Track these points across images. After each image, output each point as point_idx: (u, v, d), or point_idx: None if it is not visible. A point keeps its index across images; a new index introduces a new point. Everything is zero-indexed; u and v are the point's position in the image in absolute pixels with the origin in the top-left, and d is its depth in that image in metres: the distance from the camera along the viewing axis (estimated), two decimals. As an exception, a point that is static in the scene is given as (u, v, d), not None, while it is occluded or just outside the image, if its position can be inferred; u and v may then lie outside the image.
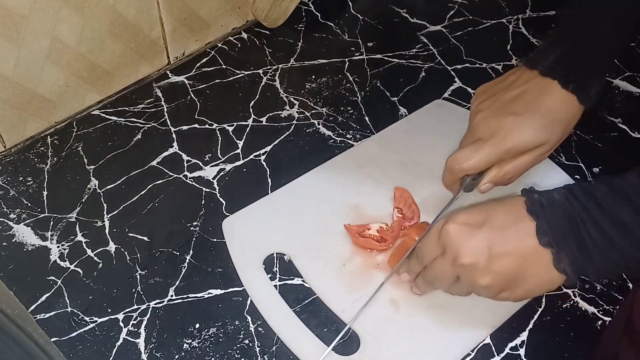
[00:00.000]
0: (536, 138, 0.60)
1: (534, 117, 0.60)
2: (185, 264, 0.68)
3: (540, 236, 0.50)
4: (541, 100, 0.61)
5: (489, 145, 0.61)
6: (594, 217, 0.48)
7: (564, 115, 0.61)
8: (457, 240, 0.53)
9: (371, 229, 0.69)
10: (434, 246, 0.56)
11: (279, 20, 0.96)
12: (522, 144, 0.61)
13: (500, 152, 0.61)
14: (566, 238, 0.50)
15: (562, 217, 0.50)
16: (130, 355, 0.61)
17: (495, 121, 0.62)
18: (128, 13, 0.80)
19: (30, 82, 0.76)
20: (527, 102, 0.61)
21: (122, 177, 0.76)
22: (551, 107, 0.60)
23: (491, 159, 0.62)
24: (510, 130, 0.60)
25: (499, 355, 0.61)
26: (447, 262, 0.54)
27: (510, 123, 0.61)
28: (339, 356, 0.60)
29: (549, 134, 0.60)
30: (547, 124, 0.60)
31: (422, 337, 0.61)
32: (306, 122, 0.83)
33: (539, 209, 0.51)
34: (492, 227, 0.52)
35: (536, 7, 1.01)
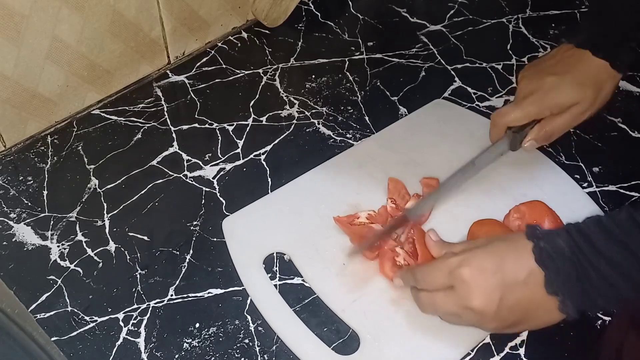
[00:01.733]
0: (571, 95, 0.67)
1: (569, 78, 0.68)
2: (185, 263, 0.68)
3: (548, 287, 0.53)
4: (576, 65, 0.68)
5: (529, 100, 0.68)
6: (593, 262, 0.51)
7: (596, 79, 0.68)
8: (471, 285, 0.54)
9: (360, 217, 0.69)
10: (441, 280, 0.56)
11: (279, 20, 0.96)
12: (558, 100, 0.68)
13: (539, 106, 0.68)
14: (571, 286, 0.52)
15: (567, 265, 0.52)
16: (130, 354, 0.61)
17: (536, 81, 0.69)
18: (128, 12, 0.80)
19: (31, 82, 0.76)
20: (564, 66, 0.69)
21: (122, 177, 0.76)
22: (584, 71, 0.68)
23: (531, 112, 0.68)
24: (548, 87, 0.68)
25: (499, 355, 0.61)
26: (454, 300, 0.55)
27: (548, 81, 0.68)
28: (339, 356, 0.60)
29: (582, 93, 0.67)
30: (581, 84, 0.67)
31: (422, 337, 0.61)
32: (306, 121, 0.83)
33: (546, 260, 0.53)
34: (504, 276, 0.54)
35: (536, 6, 1.01)
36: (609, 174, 0.77)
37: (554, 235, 0.53)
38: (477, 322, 0.56)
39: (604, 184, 0.76)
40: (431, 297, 0.57)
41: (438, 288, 0.56)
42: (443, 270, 0.56)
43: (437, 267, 0.57)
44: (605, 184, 0.76)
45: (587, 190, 0.75)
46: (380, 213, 0.70)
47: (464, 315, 0.55)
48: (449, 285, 0.55)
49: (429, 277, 0.57)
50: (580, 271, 0.51)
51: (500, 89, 0.87)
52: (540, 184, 0.74)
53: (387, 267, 0.65)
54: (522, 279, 0.53)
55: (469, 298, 0.54)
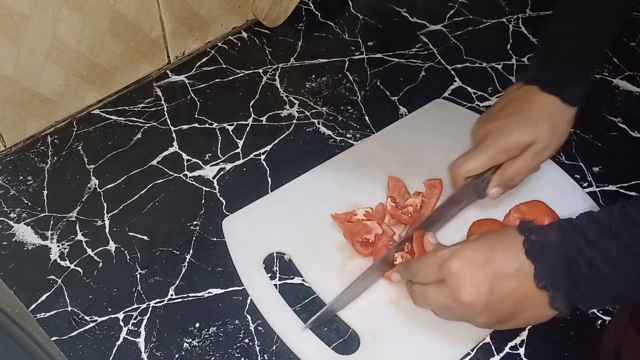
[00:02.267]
0: (522, 135, 0.65)
1: (519, 118, 0.65)
2: (185, 263, 0.68)
3: (537, 280, 0.53)
4: (525, 104, 0.66)
5: (481, 147, 0.66)
6: (585, 254, 0.51)
7: (548, 115, 0.65)
8: (460, 277, 0.54)
9: (358, 214, 0.69)
10: (433, 273, 0.57)
11: (279, 20, 0.96)
12: (509, 142, 0.65)
13: (492, 152, 0.65)
14: (561, 279, 0.52)
15: (557, 259, 0.52)
16: (130, 354, 0.61)
17: (486, 127, 0.67)
18: (128, 12, 0.80)
19: (31, 82, 0.76)
20: (513, 107, 0.67)
21: (122, 177, 0.76)
22: (534, 108, 0.66)
23: (484, 159, 0.66)
24: (497, 131, 0.65)
25: (499, 355, 0.62)
26: (445, 293, 0.56)
27: (497, 126, 0.66)
28: (339, 356, 0.60)
29: (534, 132, 0.64)
30: (532, 122, 0.65)
31: (422, 337, 0.61)
32: (306, 121, 0.83)
33: (536, 253, 0.53)
34: (494, 268, 0.54)
35: (536, 6, 1.01)
36: (609, 174, 0.77)
37: (546, 229, 0.54)
38: (467, 315, 0.56)
39: (604, 184, 0.76)
40: (423, 290, 0.58)
41: (430, 281, 0.57)
42: (434, 263, 0.56)
43: (428, 261, 0.58)
44: (605, 184, 0.76)
45: (587, 190, 0.75)
46: (377, 210, 0.70)
47: (454, 308, 0.55)
48: (440, 278, 0.56)
49: (421, 270, 0.58)
50: (570, 264, 0.51)
51: (500, 89, 0.88)
52: (540, 184, 0.74)
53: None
54: (512, 272, 0.53)
55: (459, 290, 0.54)
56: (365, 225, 0.68)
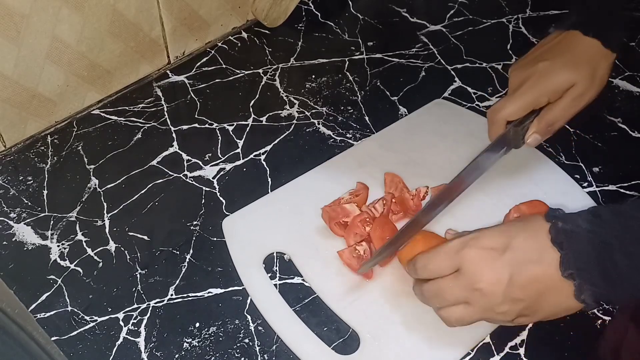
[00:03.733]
0: (565, 77, 0.63)
1: (561, 60, 0.64)
2: (185, 263, 0.68)
3: (563, 269, 0.50)
4: (568, 48, 0.65)
5: (522, 90, 0.64)
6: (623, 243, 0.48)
7: (590, 59, 0.64)
8: (476, 264, 0.52)
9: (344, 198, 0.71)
10: (445, 263, 0.54)
11: (279, 20, 0.96)
12: (553, 83, 0.63)
13: (535, 93, 0.64)
14: (590, 269, 0.49)
15: (587, 247, 0.49)
16: (130, 354, 0.61)
17: (527, 70, 0.65)
18: (128, 12, 0.80)
19: (31, 82, 0.76)
20: (555, 51, 0.66)
21: (122, 177, 0.76)
22: (577, 52, 0.65)
23: (527, 101, 0.64)
24: (540, 74, 0.64)
25: (499, 355, 0.61)
26: (461, 283, 0.53)
27: (540, 67, 0.64)
28: (339, 356, 0.60)
29: (577, 74, 0.63)
30: (575, 65, 0.64)
31: (422, 337, 0.61)
32: (306, 121, 0.83)
33: (563, 240, 0.50)
34: (514, 254, 0.51)
35: (536, 6, 1.01)
36: (609, 174, 0.77)
37: (577, 215, 0.51)
38: (487, 307, 0.52)
39: (604, 184, 0.76)
40: (436, 284, 0.54)
41: (443, 274, 0.54)
42: (448, 253, 0.54)
43: (440, 251, 0.55)
44: (605, 184, 0.76)
45: (587, 190, 0.75)
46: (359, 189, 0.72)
47: (473, 300, 0.52)
48: (454, 268, 0.53)
49: (432, 262, 0.55)
50: (602, 251, 0.48)
51: (500, 89, 0.87)
52: (540, 184, 0.74)
53: (347, 252, 0.66)
54: (535, 258, 0.50)
55: (477, 278, 0.51)
56: (343, 209, 0.69)
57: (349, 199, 0.70)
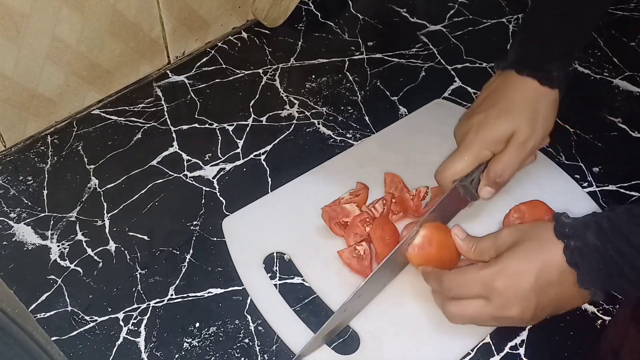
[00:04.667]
0: (500, 128, 0.62)
1: (495, 109, 0.63)
2: (185, 263, 0.68)
3: (580, 285, 0.53)
4: (502, 93, 0.63)
5: (462, 146, 0.64)
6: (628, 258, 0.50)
7: (526, 102, 0.62)
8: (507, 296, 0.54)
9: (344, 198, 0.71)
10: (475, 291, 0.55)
11: (279, 20, 0.96)
12: (489, 135, 0.62)
13: (475, 149, 0.63)
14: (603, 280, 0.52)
15: (599, 263, 0.52)
16: (130, 354, 0.61)
17: (466, 125, 0.65)
18: (128, 12, 0.80)
19: (31, 82, 0.76)
20: (490, 99, 0.64)
21: (122, 177, 0.76)
22: (510, 96, 0.63)
23: (469, 158, 0.63)
24: (477, 127, 0.63)
25: (499, 355, 0.61)
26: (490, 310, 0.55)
27: (475, 121, 0.64)
28: (339, 355, 0.60)
29: (515, 121, 0.62)
30: (509, 112, 0.62)
31: (422, 337, 0.61)
32: (306, 121, 0.83)
33: (578, 260, 0.52)
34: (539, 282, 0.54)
35: (536, 6, 1.01)
36: (609, 174, 0.77)
37: (583, 229, 0.53)
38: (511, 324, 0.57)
39: (604, 184, 0.76)
40: (463, 307, 0.56)
41: (470, 298, 0.56)
42: (477, 282, 0.55)
43: (469, 279, 0.56)
44: (605, 183, 0.76)
45: (587, 190, 0.75)
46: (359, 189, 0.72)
47: (500, 322, 0.57)
48: (482, 296, 0.55)
49: (461, 288, 0.57)
50: (611, 265, 0.51)
51: (500, 89, 0.87)
52: (540, 184, 0.74)
53: (347, 252, 0.66)
54: (555, 280, 0.53)
55: (507, 308, 0.54)
56: (343, 209, 0.69)
57: (349, 199, 0.70)
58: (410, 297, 0.64)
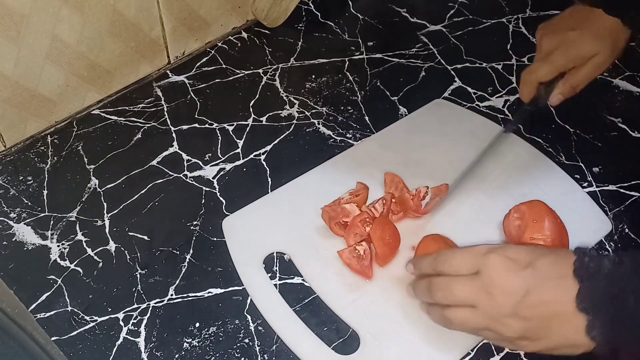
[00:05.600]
0: (592, 46, 0.74)
1: (589, 32, 0.75)
2: (185, 263, 0.68)
3: (579, 300, 0.50)
4: (593, 22, 0.75)
5: (555, 54, 0.75)
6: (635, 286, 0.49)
7: (611, 33, 0.75)
8: (497, 270, 0.52)
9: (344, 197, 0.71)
10: (467, 263, 0.54)
11: (279, 20, 0.96)
12: (582, 51, 0.74)
13: (564, 59, 0.75)
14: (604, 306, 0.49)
15: (606, 287, 0.50)
16: (130, 354, 0.61)
17: (559, 36, 0.76)
18: (128, 12, 0.80)
19: (31, 82, 0.76)
20: (582, 23, 0.76)
21: (122, 177, 0.76)
22: (600, 26, 0.75)
23: (559, 65, 0.75)
24: (571, 41, 0.75)
25: (499, 355, 0.61)
26: (476, 284, 0.53)
27: (570, 36, 0.75)
28: (339, 356, 0.60)
29: (601, 45, 0.74)
30: (600, 37, 0.74)
31: (422, 337, 0.61)
32: (306, 121, 0.83)
33: (585, 275, 0.51)
34: (535, 272, 0.52)
35: (536, 6, 1.01)
36: (609, 174, 0.77)
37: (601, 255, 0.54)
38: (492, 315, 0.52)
39: (604, 184, 0.76)
40: (449, 281, 0.55)
41: (461, 272, 0.54)
42: (471, 253, 0.54)
43: (465, 251, 0.55)
44: (605, 184, 0.76)
45: (587, 190, 0.75)
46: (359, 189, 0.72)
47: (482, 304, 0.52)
48: (473, 270, 0.53)
49: (455, 260, 0.55)
50: (617, 292, 0.49)
51: (500, 89, 0.87)
52: (540, 184, 0.74)
53: (347, 252, 0.66)
54: (553, 282, 0.51)
55: (493, 282, 0.52)
56: (343, 209, 0.69)
57: (349, 199, 0.70)
58: (410, 297, 0.64)
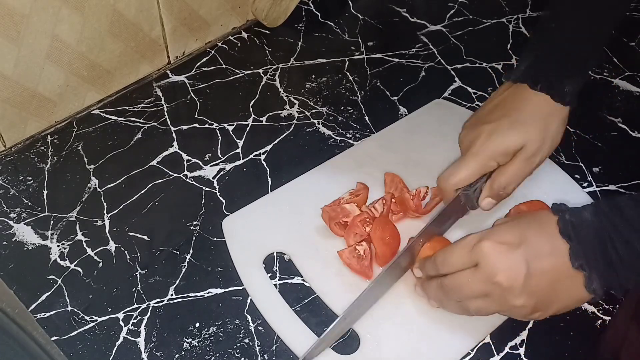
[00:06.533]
0: (511, 140, 0.61)
1: (507, 121, 0.62)
2: (185, 263, 0.68)
3: (573, 260, 0.51)
4: (515, 104, 0.63)
5: (469, 155, 0.63)
6: (621, 232, 0.49)
7: (538, 116, 0.62)
8: (494, 258, 0.52)
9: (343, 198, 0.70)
10: (464, 258, 0.55)
11: (279, 20, 0.96)
12: (498, 147, 0.62)
13: (481, 160, 0.62)
14: (596, 258, 0.50)
15: (592, 237, 0.50)
16: (130, 354, 0.61)
17: (473, 133, 0.64)
18: (128, 12, 0.80)
19: (31, 82, 0.76)
20: (501, 109, 0.64)
21: (122, 177, 0.76)
22: (523, 108, 0.62)
23: (474, 168, 0.63)
24: (486, 137, 0.62)
25: (499, 355, 0.62)
26: (479, 277, 0.53)
27: (485, 130, 0.63)
28: (339, 355, 0.60)
29: (525, 134, 0.61)
30: (522, 125, 0.61)
31: (422, 337, 0.61)
32: (306, 121, 0.83)
33: (571, 232, 0.51)
34: (528, 247, 0.52)
35: (536, 6, 1.01)
36: (609, 174, 0.77)
37: (581, 208, 0.52)
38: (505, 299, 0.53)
39: (604, 184, 0.76)
40: (455, 279, 0.55)
41: (461, 268, 0.55)
42: (464, 247, 0.54)
43: (457, 246, 0.56)
44: (605, 183, 0.76)
45: (587, 190, 0.75)
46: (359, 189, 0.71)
47: (492, 292, 0.53)
48: (472, 263, 0.54)
49: (451, 257, 0.56)
50: (606, 242, 0.49)
51: (500, 89, 0.87)
52: (540, 184, 0.74)
53: (347, 252, 0.66)
54: (547, 251, 0.51)
55: (494, 272, 0.52)
56: (343, 209, 0.69)
57: (349, 199, 0.70)
58: (410, 297, 0.64)
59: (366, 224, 0.67)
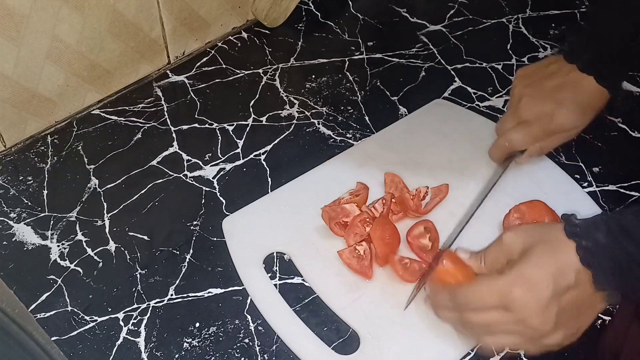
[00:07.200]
0: (574, 122, 0.71)
1: (573, 105, 0.70)
2: (186, 263, 0.68)
3: (596, 286, 0.53)
4: (579, 91, 0.71)
5: (536, 126, 0.71)
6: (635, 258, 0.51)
7: (596, 104, 0.71)
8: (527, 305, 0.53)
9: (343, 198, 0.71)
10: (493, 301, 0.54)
11: (279, 20, 0.96)
12: (563, 127, 0.71)
13: (546, 132, 0.72)
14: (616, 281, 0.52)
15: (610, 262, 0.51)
16: (130, 354, 0.61)
17: (540, 106, 0.71)
18: (128, 12, 0.80)
19: (31, 82, 0.76)
20: (567, 91, 0.71)
21: (122, 177, 0.76)
22: (587, 97, 0.71)
23: (537, 138, 0.72)
24: (554, 115, 0.70)
25: (499, 355, 0.61)
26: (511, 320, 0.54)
27: (553, 108, 0.71)
28: (339, 356, 0.60)
29: (584, 119, 0.71)
30: (583, 110, 0.71)
31: (422, 337, 0.61)
32: (306, 121, 0.83)
33: (591, 260, 0.52)
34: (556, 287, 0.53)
35: (536, 6, 1.01)
36: (609, 174, 0.77)
37: (593, 229, 0.53)
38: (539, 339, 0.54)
39: (604, 184, 0.76)
40: (482, 318, 0.55)
41: (489, 308, 0.55)
42: (493, 291, 0.54)
43: (485, 289, 0.55)
44: (605, 183, 0.76)
45: (587, 190, 0.75)
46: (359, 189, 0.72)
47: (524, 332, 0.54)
48: (501, 306, 0.54)
49: (476, 300, 0.55)
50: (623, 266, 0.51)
51: (500, 89, 0.88)
52: (540, 184, 0.74)
53: (347, 252, 0.66)
54: (573, 283, 0.53)
55: (528, 318, 0.53)
56: (343, 209, 0.69)
57: (349, 199, 0.70)
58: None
59: (366, 224, 0.67)
